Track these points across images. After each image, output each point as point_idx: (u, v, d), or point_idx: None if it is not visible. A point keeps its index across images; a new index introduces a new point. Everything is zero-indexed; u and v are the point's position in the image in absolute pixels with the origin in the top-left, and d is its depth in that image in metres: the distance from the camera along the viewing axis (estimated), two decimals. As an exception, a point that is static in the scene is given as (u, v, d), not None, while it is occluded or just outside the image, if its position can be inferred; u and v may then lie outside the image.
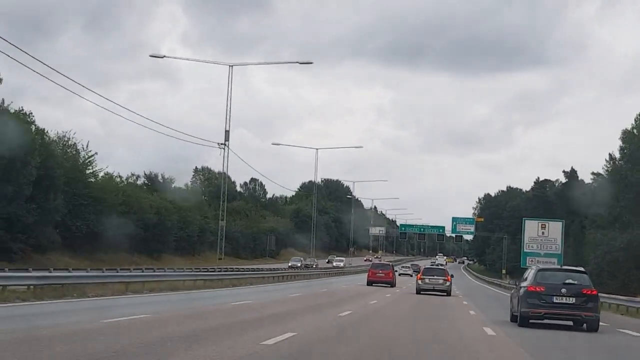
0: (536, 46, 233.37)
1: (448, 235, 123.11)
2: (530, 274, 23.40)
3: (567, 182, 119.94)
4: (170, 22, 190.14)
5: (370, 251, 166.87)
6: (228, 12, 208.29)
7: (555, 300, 22.14)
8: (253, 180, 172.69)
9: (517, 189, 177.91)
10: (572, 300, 22.07)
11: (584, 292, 21.85)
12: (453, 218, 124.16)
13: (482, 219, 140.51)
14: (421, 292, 43.67)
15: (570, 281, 22.55)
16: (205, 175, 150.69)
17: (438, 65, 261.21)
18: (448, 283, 45.66)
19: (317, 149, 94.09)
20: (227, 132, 57.94)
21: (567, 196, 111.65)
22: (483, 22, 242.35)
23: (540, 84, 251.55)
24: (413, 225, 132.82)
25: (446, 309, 28.26)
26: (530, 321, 21.87)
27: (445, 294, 42.89)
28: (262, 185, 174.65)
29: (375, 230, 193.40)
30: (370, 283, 56.31)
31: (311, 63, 57.43)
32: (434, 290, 44.65)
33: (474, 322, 22.94)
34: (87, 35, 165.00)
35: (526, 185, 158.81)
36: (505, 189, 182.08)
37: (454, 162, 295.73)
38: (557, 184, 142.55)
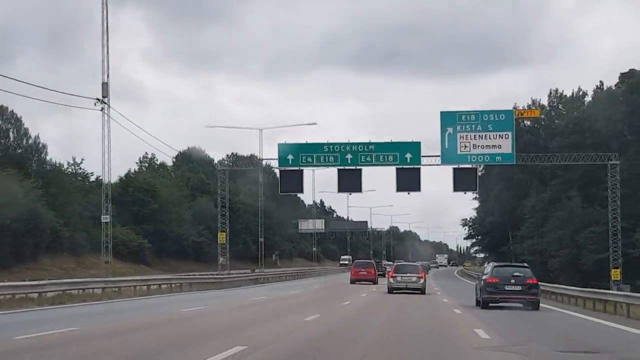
0: (518, 44, 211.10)
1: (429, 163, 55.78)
2: (488, 269, 35.08)
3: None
4: (131, 39, 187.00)
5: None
6: (192, 25, 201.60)
7: (507, 288, 32.53)
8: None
9: (579, 94, 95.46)
10: (519, 287, 32.58)
11: (528, 281, 32.98)
12: (443, 114, 53.94)
13: (538, 113, 75.07)
14: (393, 292, 45.58)
15: (517, 274, 33.16)
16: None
17: (415, 69, 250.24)
18: (422, 281, 46.20)
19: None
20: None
21: None
22: (463, 21, 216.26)
23: (522, 84, 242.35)
24: (317, 144, 57.30)
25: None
26: (490, 304, 33.22)
27: (419, 292, 45.83)
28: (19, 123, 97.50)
29: (309, 225, 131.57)
30: (353, 281, 62.00)
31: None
32: (407, 288, 45.80)
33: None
34: (45, 58, 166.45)
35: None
36: (546, 101, 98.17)
37: (435, 170, 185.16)
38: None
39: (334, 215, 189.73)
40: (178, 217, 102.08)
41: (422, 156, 54.61)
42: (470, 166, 53.35)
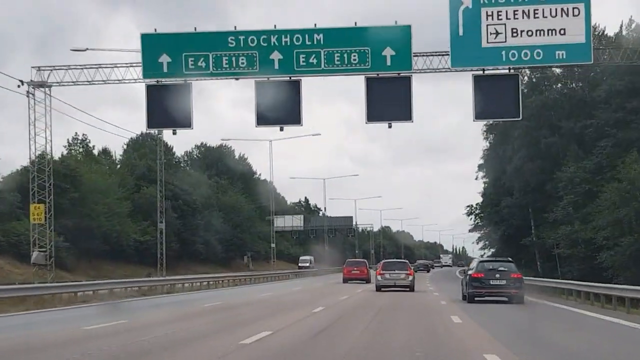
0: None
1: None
2: (473, 264, 37.76)
3: None
4: (123, 41, 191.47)
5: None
6: (185, 25, 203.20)
7: (492, 283, 33.89)
8: None
9: (630, 27, 63.47)
10: (504, 282, 33.77)
11: (512, 275, 34.54)
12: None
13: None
14: (382, 289, 46.44)
15: (502, 268, 34.80)
16: None
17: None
18: (411, 277, 46.63)
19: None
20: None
21: None
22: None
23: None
24: (215, 34, 32.18)
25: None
26: (475, 298, 35.44)
27: (408, 289, 47.06)
28: None
29: (285, 222, 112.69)
30: (346, 280, 63.35)
31: None
32: (395, 285, 46.31)
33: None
34: (37, 61, 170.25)
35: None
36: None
37: (426, 173, 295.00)
38: None
39: (320, 215, 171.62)
40: (108, 209, 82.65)
41: (415, 54, 32.35)
42: (505, 70, 30.70)
